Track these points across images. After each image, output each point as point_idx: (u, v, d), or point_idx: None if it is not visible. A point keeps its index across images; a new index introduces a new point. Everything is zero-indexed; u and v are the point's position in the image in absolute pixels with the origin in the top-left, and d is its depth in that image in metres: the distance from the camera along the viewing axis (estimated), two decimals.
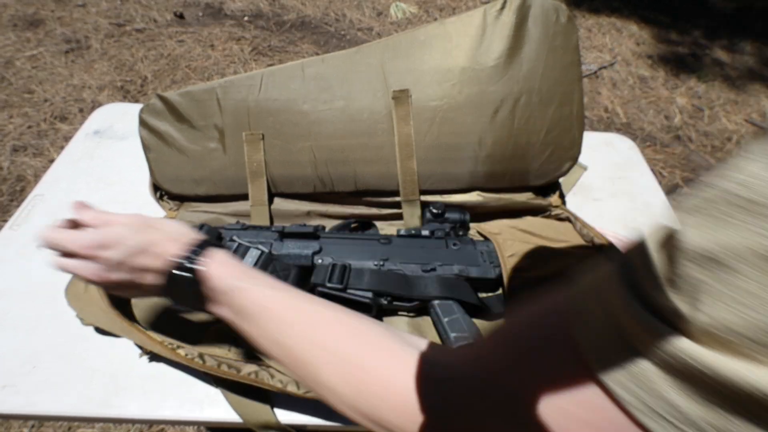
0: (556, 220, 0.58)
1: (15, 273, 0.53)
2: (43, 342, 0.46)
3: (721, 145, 1.60)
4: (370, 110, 0.55)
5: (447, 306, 0.46)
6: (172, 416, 0.42)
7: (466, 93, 0.54)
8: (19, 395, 0.42)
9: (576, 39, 0.54)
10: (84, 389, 0.43)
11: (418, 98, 0.55)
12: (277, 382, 0.39)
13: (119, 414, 0.41)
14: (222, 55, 1.83)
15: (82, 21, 1.96)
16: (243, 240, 0.51)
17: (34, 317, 0.48)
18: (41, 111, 1.52)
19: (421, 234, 0.52)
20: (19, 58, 1.72)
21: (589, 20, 2.28)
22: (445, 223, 0.51)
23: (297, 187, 0.57)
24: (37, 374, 0.43)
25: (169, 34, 1.92)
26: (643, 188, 0.69)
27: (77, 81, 1.64)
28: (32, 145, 1.41)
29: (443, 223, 0.51)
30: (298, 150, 0.56)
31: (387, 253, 0.51)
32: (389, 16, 2.18)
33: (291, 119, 0.55)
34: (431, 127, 0.55)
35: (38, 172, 1.32)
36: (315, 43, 1.96)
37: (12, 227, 0.58)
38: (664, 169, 1.49)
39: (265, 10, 2.15)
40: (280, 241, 0.51)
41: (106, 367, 0.44)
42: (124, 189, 0.64)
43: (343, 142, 0.56)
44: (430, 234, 0.53)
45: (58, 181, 0.65)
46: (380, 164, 0.56)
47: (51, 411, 0.41)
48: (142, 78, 1.69)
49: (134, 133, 0.57)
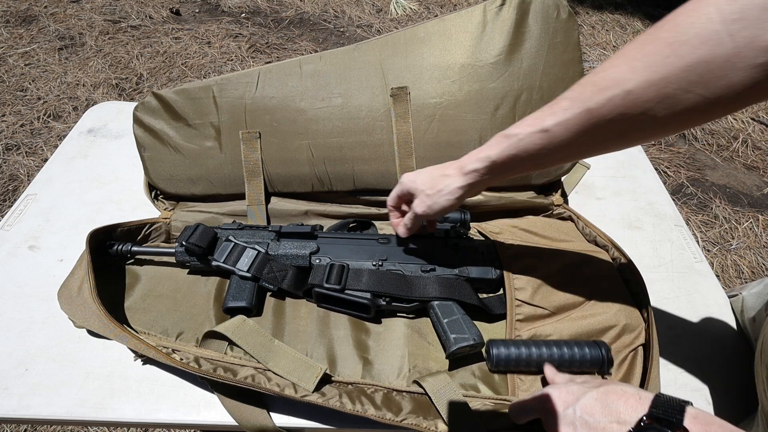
0: (558, 219, 0.58)
1: (7, 274, 0.52)
2: (36, 344, 0.45)
3: (727, 143, 1.59)
4: (369, 108, 0.55)
5: (447, 307, 0.45)
6: (168, 419, 0.41)
7: (466, 90, 0.54)
8: (11, 398, 0.41)
9: (577, 35, 0.54)
10: (78, 392, 0.42)
11: (417, 96, 0.54)
12: (274, 386, 0.39)
13: (114, 417, 0.41)
14: (219, 53, 1.81)
15: (76, 17, 1.93)
16: (239, 240, 0.50)
17: (27, 319, 0.47)
18: (34, 109, 1.50)
19: (421, 233, 0.52)
20: (11, 55, 1.70)
21: (592, 17, 2.28)
22: (445, 222, 0.50)
23: (294, 186, 0.57)
24: (30, 377, 0.43)
25: (165, 31, 1.90)
26: (646, 187, 0.69)
27: (71, 79, 1.63)
28: (25, 143, 1.39)
29: (443, 222, 0.50)
30: (296, 148, 0.55)
31: (386, 253, 0.50)
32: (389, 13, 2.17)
33: (288, 117, 0.55)
34: (431, 125, 0.55)
35: (31, 171, 1.30)
36: (314, 41, 1.95)
37: (4, 227, 0.57)
38: (669, 168, 1.49)
39: (263, 6, 2.13)
40: (277, 241, 0.51)
41: (101, 369, 0.43)
42: (118, 188, 0.64)
43: (341, 140, 0.55)
44: (429, 233, 0.52)
45: (51, 181, 0.64)
46: (379, 162, 0.55)
47: (44, 414, 0.41)
48: (137, 76, 1.67)
49: (129, 132, 0.56)
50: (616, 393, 0.29)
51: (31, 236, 0.56)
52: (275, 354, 0.41)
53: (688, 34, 0.25)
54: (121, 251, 0.49)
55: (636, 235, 0.62)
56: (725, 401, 0.45)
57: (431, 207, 0.41)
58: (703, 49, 0.25)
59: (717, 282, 0.57)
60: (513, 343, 0.42)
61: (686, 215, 1.33)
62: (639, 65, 0.27)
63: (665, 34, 0.26)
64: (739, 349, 0.49)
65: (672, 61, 0.26)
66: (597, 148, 0.32)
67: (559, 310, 0.45)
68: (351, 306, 0.47)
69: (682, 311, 0.53)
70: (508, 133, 0.34)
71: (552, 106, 0.31)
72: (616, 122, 0.28)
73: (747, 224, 1.31)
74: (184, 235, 0.48)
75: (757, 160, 1.54)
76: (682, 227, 0.63)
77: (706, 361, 0.48)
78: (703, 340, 0.50)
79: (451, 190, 0.39)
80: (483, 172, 0.37)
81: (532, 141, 0.32)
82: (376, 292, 0.45)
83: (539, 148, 0.32)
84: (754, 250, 1.24)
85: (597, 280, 0.47)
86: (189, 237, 0.48)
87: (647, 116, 0.27)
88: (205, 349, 0.42)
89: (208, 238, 0.49)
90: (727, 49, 0.24)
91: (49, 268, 0.52)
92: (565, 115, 0.30)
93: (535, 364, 0.41)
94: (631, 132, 0.29)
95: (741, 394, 0.46)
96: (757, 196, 1.42)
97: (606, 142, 0.30)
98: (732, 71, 0.24)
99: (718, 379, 0.47)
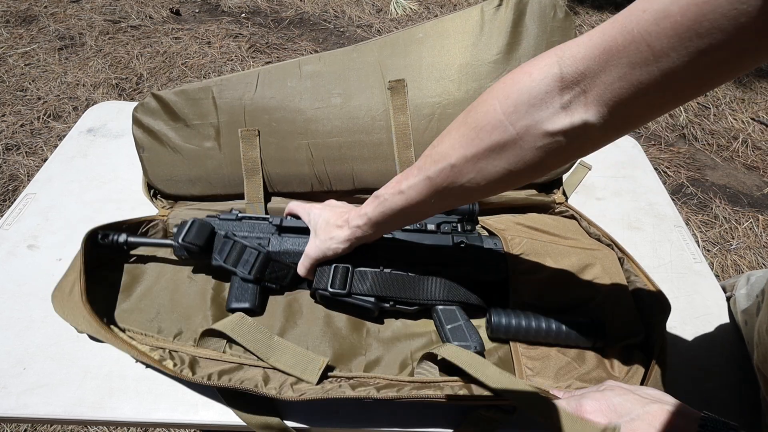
0: (561, 217, 0.58)
1: (5, 273, 0.52)
2: (35, 343, 0.45)
3: (727, 143, 1.59)
4: (368, 107, 0.55)
5: (450, 312, 0.45)
6: (166, 419, 0.41)
7: (464, 89, 0.54)
8: (9, 397, 0.41)
9: (574, 35, 0.54)
10: (76, 391, 0.42)
11: (416, 95, 0.54)
12: (271, 390, 0.38)
13: (112, 416, 0.41)
14: (219, 53, 1.82)
15: (76, 17, 1.93)
16: (238, 234, 0.48)
17: (26, 318, 0.47)
18: (34, 109, 1.50)
19: (427, 228, 0.51)
20: (11, 55, 1.70)
21: (592, 17, 2.27)
22: (453, 214, 0.50)
23: (294, 185, 0.57)
24: (28, 376, 0.43)
25: (165, 31, 1.90)
26: (646, 188, 0.69)
27: (71, 79, 1.63)
28: (25, 143, 1.39)
29: (450, 214, 0.50)
30: (295, 148, 0.55)
31: (390, 252, 0.49)
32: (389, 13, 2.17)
33: (287, 117, 0.55)
34: (430, 123, 0.55)
35: (31, 171, 1.30)
36: (313, 41, 1.95)
37: (3, 226, 0.57)
38: (669, 168, 1.49)
39: (263, 6, 2.14)
40: (278, 235, 0.50)
41: (99, 368, 0.43)
42: (118, 188, 0.63)
43: (340, 140, 0.55)
44: (436, 228, 0.51)
45: (50, 180, 0.64)
46: (378, 161, 0.55)
47: (42, 413, 0.41)
48: (137, 76, 1.67)
49: (129, 132, 0.56)
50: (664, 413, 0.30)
51: (30, 235, 0.56)
52: (275, 350, 0.41)
53: (483, 121, 0.31)
54: (115, 242, 0.47)
55: (635, 236, 0.62)
56: (725, 402, 0.45)
57: (324, 253, 0.45)
58: (496, 133, 0.30)
59: (716, 283, 0.57)
60: (513, 312, 0.44)
61: (686, 215, 1.33)
62: (456, 144, 0.32)
63: (470, 120, 0.32)
64: (738, 350, 0.49)
65: (477, 143, 0.31)
66: (448, 204, 0.37)
67: (562, 311, 0.45)
68: (355, 309, 0.46)
69: (681, 312, 0.53)
70: (377, 194, 0.40)
71: (407, 173, 0.37)
72: (450, 187, 0.34)
73: (747, 224, 1.31)
74: (179, 233, 0.47)
75: (757, 160, 1.53)
76: (682, 228, 0.63)
77: (705, 361, 0.48)
78: (702, 341, 0.50)
79: (341, 240, 0.44)
80: (364, 228, 0.42)
81: (394, 201, 0.38)
82: (381, 296, 0.45)
83: (401, 206, 0.38)
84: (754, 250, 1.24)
85: (602, 281, 0.47)
86: (185, 235, 0.46)
87: (472, 183, 0.33)
88: (203, 349, 0.42)
89: (204, 236, 0.47)
90: (511, 134, 0.29)
91: (48, 268, 0.52)
92: (414, 181, 0.36)
93: (533, 334, 0.43)
94: (466, 193, 0.34)
95: (741, 395, 0.46)
96: (757, 196, 1.42)
97: (451, 199, 0.36)
98: (521, 151, 0.29)
99: (718, 379, 0.47)
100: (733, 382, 0.47)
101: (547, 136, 0.28)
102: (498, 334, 0.44)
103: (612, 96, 0.25)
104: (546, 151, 0.29)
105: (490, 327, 0.44)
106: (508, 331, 0.43)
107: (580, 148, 0.29)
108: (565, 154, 0.29)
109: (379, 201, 0.40)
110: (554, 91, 0.27)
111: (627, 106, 0.25)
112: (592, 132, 0.27)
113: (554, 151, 0.29)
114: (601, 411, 0.32)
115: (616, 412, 0.31)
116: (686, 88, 0.24)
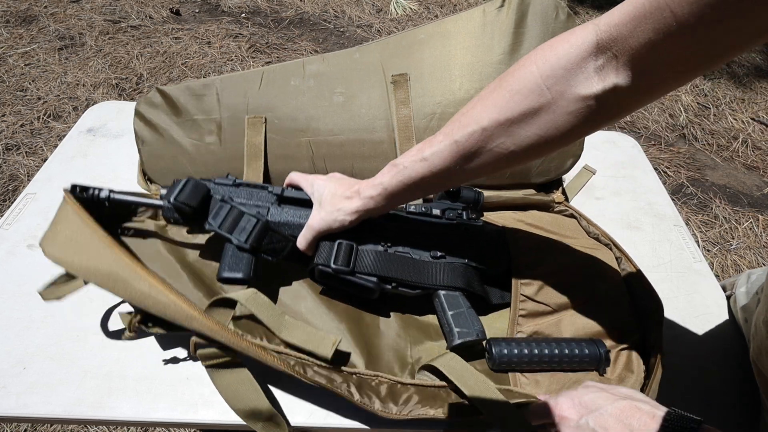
0: (561, 216, 0.58)
1: (5, 272, 0.52)
2: (35, 342, 0.45)
3: (727, 143, 1.59)
4: (369, 106, 0.55)
5: (453, 298, 0.44)
6: (166, 418, 0.41)
7: (466, 89, 0.54)
8: (9, 397, 0.41)
9: None
10: (76, 390, 0.42)
11: (417, 94, 0.55)
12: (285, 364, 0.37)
13: (112, 416, 0.40)
14: (219, 53, 1.82)
15: (76, 17, 1.93)
16: (236, 201, 0.45)
17: (26, 317, 0.47)
18: (34, 109, 1.50)
19: (432, 213, 0.50)
20: (11, 55, 1.70)
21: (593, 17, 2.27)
22: (458, 201, 0.49)
23: None
24: (27, 375, 0.43)
25: (165, 31, 1.90)
26: (646, 188, 0.69)
27: (71, 79, 1.63)
28: (25, 143, 1.39)
29: (456, 201, 0.49)
30: (296, 144, 0.55)
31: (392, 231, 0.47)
32: (389, 13, 2.17)
33: (289, 114, 0.55)
34: (430, 122, 0.55)
35: (31, 171, 1.30)
36: (314, 41, 1.95)
37: (3, 226, 0.57)
38: (669, 168, 1.49)
39: (263, 6, 2.14)
40: (278, 206, 0.47)
41: (99, 368, 0.43)
42: (118, 188, 0.63)
43: (341, 138, 0.55)
44: (441, 214, 0.50)
45: (50, 180, 0.64)
46: (379, 160, 0.55)
47: (42, 413, 0.40)
48: (137, 76, 1.67)
49: (129, 132, 0.56)
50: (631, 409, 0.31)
51: (30, 235, 0.56)
52: (286, 327, 0.40)
53: (519, 85, 0.31)
54: (96, 197, 0.42)
55: (635, 236, 0.62)
56: (725, 401, 0.45)
57: (330, 225, 0.43)
58: (531, 97, 0.31)
59: (716, 282, 0.57)
60: (514, 341, 0.42)
61: (686, 215, 1.33)
62: (489, 108, 0.33)
63: (505, 84, 0.32)
64: (738, 349, 0.49)
65: (511, 106, 0.32)
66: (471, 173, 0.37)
67: (561, 308, 0.45)
68: (356, 288, 0.44)
69: (681, 311, 0.53)
70: (395, 162, 0.39)
71: (430, 140, 0.37)
72: (479, 152, 0.34)
73: (747, 224, 1.31)
74: (171, 192, 0.43)
75: (757, 160, 1.54)
76: (682, 227, 0.63)
77: (704, 361, 0.48)
78: (701, 341, 0.50)
79: (349, 212, 0.42)
80: (378, 199, 0.41)
81: (414, 168, 0.37)
82: (384, 277, 0.43)
83: (422, 175, 0.37)
84: (754, 250, 1.24)
85: (600, 280, 0.47)
86: (177, 194, 0.42)
87: (501, 148, 0.33)
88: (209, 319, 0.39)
89: (199, 196, 0.43)
90: (546, 98, 0.30)
91: (47, 267, 0.52)
92: (440, 147, 0.35)
93: (536, 361, 0.41)
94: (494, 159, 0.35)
95: (740, 394, 0.46)
96: (757, 196, 1.42)
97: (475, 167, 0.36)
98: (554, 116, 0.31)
99: (717, 378, 0.47)
100: (733, 382, 0.47)
101: (580, 100, 0.29)
102: (500, 366, 0.42)
103: (640, 61, 0.26)
104: (577, 116, 0.30)
105: (492, 359, 0.42)
106: (510, 362, 0.41)
107: (609, 113, 0.30)
108: (595, 119, 0.30)
109: (398, 169, 0.38)
110: (590, 57, 0.28)
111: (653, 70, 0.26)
112: (621, 96, 0.28)
113: (585, 117, 0.30)
114: (573, 407, 0.34)
115: (587, 408, 0.33)
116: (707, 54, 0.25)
